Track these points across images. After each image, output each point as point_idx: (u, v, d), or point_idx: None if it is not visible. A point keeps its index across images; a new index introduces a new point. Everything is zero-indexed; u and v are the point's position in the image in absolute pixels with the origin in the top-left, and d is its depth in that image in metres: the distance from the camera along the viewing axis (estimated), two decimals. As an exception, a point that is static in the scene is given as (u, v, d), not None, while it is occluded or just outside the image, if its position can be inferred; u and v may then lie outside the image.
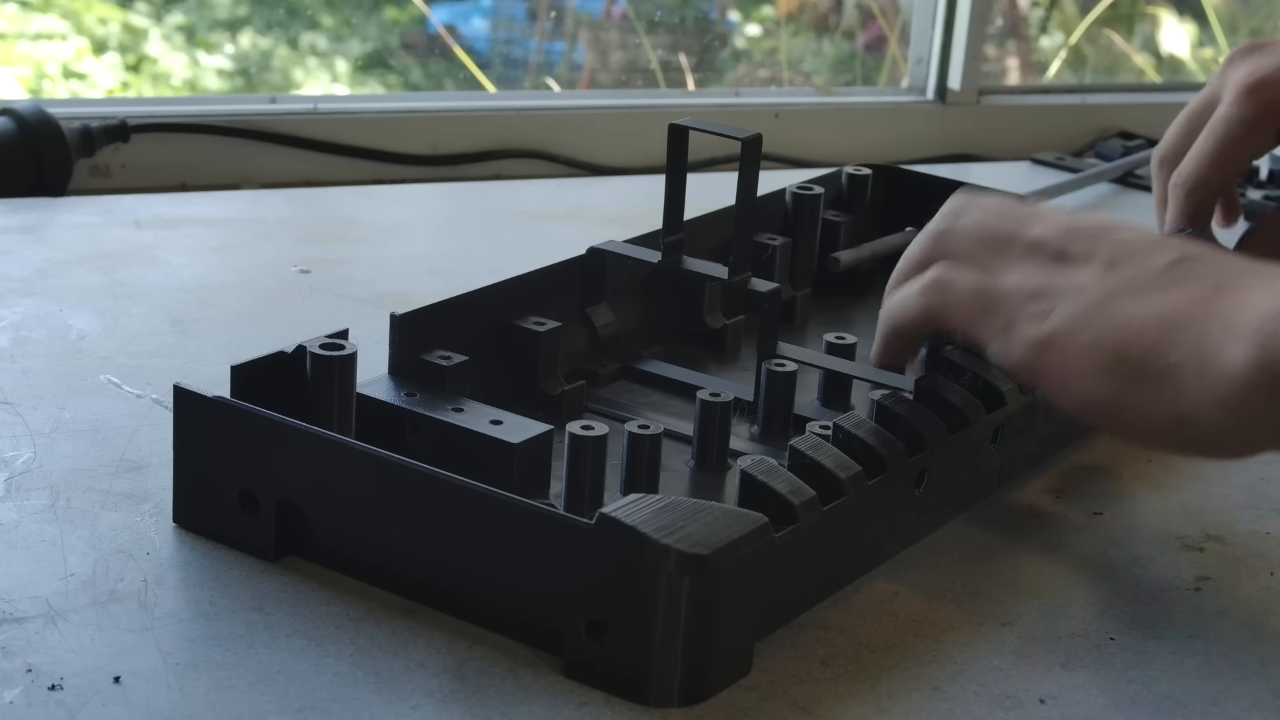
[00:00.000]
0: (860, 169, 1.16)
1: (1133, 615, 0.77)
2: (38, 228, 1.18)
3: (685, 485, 0.84)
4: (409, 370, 0.84)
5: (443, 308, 0.87)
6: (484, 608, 0.71)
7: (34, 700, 0.64)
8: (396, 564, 0.72)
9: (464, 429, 0.79)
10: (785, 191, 1.09)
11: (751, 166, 0.89)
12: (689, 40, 1.89)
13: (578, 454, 0.76)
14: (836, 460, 0.74)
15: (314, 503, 0.74)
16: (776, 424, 0.90)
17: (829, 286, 1.11)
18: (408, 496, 0.71)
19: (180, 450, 0.77)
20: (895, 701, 0.69)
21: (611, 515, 0.66)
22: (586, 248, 0.95)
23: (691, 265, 0.93)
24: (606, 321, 0.96)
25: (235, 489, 0.75)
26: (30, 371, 0.93)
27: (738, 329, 1.01)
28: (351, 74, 1.94)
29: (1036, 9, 2.11)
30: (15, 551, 0.74)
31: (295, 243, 1.20)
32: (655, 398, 0.94)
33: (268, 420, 0.74)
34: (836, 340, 0.94)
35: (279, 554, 0.75)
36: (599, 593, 0.67)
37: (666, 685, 0.67)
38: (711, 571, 0.66)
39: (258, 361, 0.78)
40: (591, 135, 1.55)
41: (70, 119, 1.36)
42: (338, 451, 0.72)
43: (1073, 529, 0.85)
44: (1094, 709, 0.70)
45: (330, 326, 0.83)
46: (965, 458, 0.82)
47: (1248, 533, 0.86)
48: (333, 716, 0.65)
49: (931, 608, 0.76)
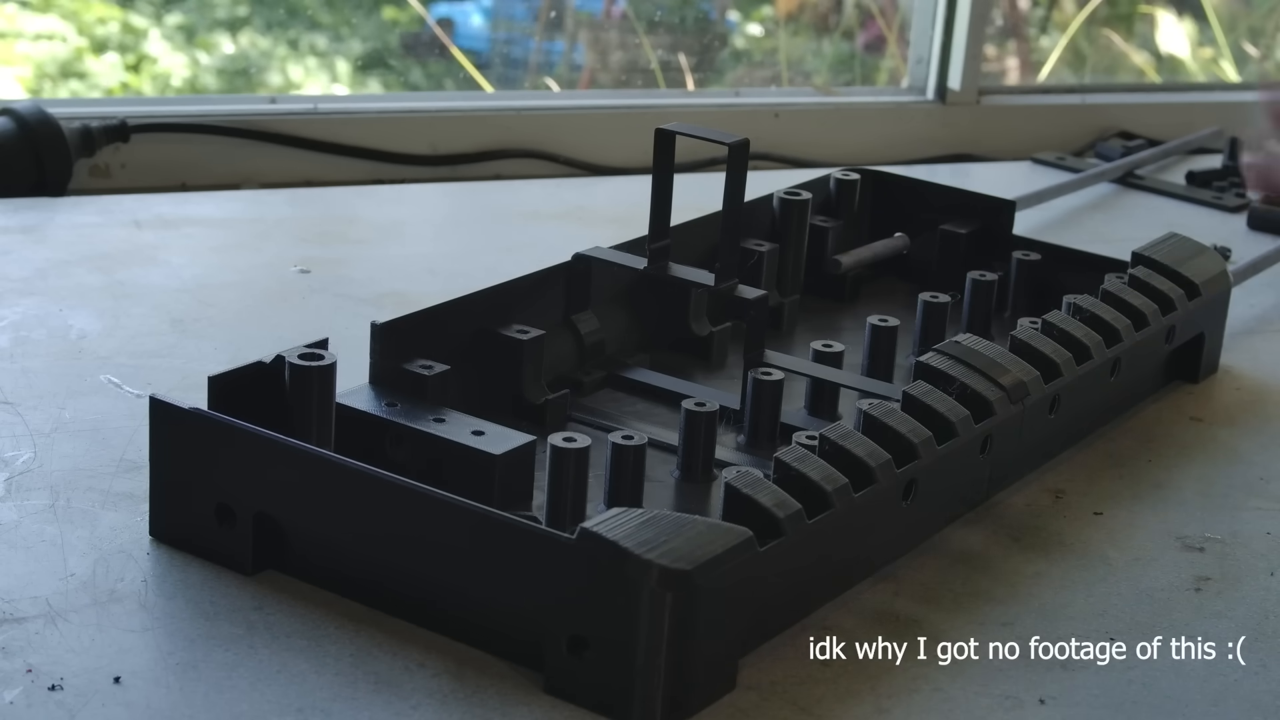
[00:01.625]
0: (848, 173, 1.15)
1: (1134, 616, 0.77)
2: (38, 228, 1.18)
3: (670, 496, 0.83)
4: (390, 379, 0.83)
5: (425, 316, 0.86)
6: (463, 623, 0.70)
7: (34, 700, 0.64)
8: (375, 578, 0.72)
9: (445, 440, 0.78)
10: (773, 197, 1.09)
11: (739, 172, 0.89)
12: (689, 40, 1.89)
13: (559, 467, 0.76)
14: (822, 472, 0.73)
15: (291, 515, 0.73)
16: (763, 433, 0.89)
17: (817, 292, 1.11)
18: (385, 510, 0.70)
19: (156, 462, 0.76)
20: (895, 702, 0.69)
21: (593, 530, 0.65)
22: (573, 253, 0.95)
23: (678, 272, 0.92)
24: (592, 329, 0.95)
25: (212, 502, 0.74)
26: (30, 371, 0.93)
27: (724, 336, 1.01)
28: (352, 74, 1.94)
29: (1037, 9, 2.11)
30: (15, 551, 0.74)
31: (295, 243, 1.20)
32: (641, 406, 0.93)
33: (244, 432, 0.73)
34: (824, 348, 0.93)
35: (257, 567, 0.74)
36: (580, 608, 0.66)
37: (649, 703, 0.66)
38: (694, 587, 0.65)
39: (235, 372, 0.77)
40: (591, 135, 1.55)
41: (70, 119, 1.35)
42: (314, 464, 0.72)
43: (1073, 529, 0.85)
44: (1095, 710, 0.70)
45: (330, 326, 0.84)
46: (954, 468, 0.81)
47: (1248, 533, 0.86)
48: (333, 716, 0.65)
49: (931, 608, 0.76)
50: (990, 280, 1.05)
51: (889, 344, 0.96)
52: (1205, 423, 0.99)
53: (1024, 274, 1.10)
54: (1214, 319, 1.05)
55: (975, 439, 0.82)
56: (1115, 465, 0.92)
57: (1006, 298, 1.10)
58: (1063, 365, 0.88)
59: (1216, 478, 0.92)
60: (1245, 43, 2.11)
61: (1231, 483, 0.91)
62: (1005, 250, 1.11)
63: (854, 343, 0.97)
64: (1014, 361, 0.86)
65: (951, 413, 0.81)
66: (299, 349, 0.78)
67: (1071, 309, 0.94)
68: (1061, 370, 0.88)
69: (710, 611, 0.66)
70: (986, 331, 1.02)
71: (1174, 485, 0.90)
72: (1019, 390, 0.85)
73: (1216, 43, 2.07)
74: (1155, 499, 0.89)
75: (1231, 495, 0.90)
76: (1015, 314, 1.08)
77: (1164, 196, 1.49)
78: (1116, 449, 0.94)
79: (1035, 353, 0.88)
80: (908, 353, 1.00)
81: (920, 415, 0.80)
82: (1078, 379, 0.89)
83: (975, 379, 0.83)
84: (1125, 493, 0.89)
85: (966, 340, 0.85)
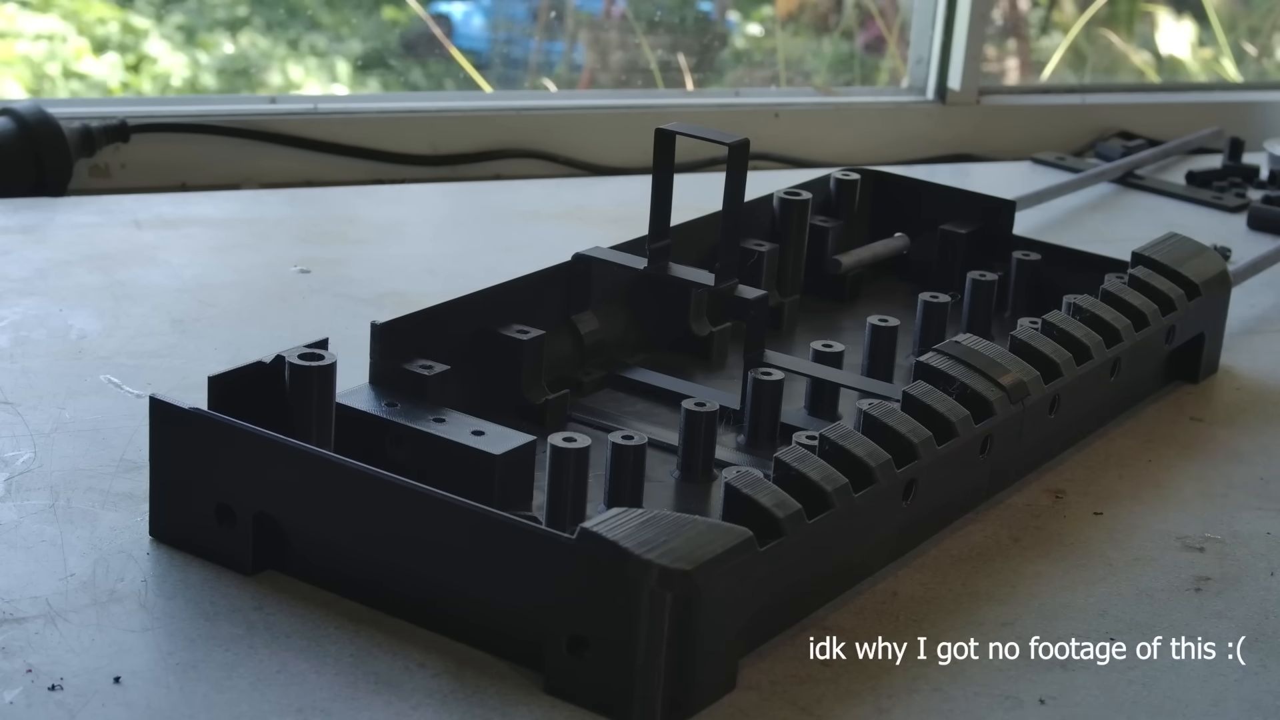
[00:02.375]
0: (848, 173, 1.15)
1: (1134, 616, 0.77)
2: (38, 228, 1.18)
3: (670, 496, 0.83)
4: (390, 380, 0.83)
5: (424, 316, 0.85)
6: (463, 623, 0.70)
7: (34, 700, 0.64)
8: (375, 578, 0.71)
9: (445, 440, 0.78)
10: (773, 197, 1.09)
11: (738, 172, 0.89)
12: (689, 40, 1.89)
13: (560, 467, 0.75)
14: (822, 472, 0.73)
15: (291, 516, 0.73)
16: (763, 433, 0.89)
17: (817, 292, 1.11)
18: (385, 510, 0.70)
19: (156, 462, 0.76)
20: (895, 701, 0.69)
21: (593, 530, 0.65)
22: (573, 253, 0.95)
23: (678, 272, 0.92)
24: (591, 329, 0.95)
25: (212, 502, 0.74)
26: (30, 371, 0.93)
27: (724, 336, 1.01)
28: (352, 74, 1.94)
29: (1036, 9, 2.11)
30: (15, 551, 0.74)
31: (295, 243, 1.20)
32: (641, 406, 0.93)
33: (244, 432, 0.72)
34: (824, 348, 0.93)
35: (257, 567, 0.74)
36: (580, 608, 0.66)
37: (649, 703, 0.66)
38: (694, 587, 0.65)
39: (235, 372, 0.77)
40: (591, 135, 1.55)
41: (70, 119, 1.35)
42: (314, 464, 0.71)
43: (1073, 529, 0.85)
44: (1095, 710, 0.70)
45: (330, 326, 0.84)
46: (954, 468, 0.81)
47: (1248, 533, 0.86)
48: (333, 716, 0.65)
49: (932, 609, 0.76)
50: (990, 280, 1.05)
51: (889, 344, 0.96)
52: (1205, 423, 0.99)
53: (1024, 274, 1.10)
54: (1214, 319, 1.05)
55: (975, 439, 0.82)
56: (1115, 465, 0.92)
57: (1006, 298, 1.10)
58: (1063, 365, 0.88)
59: (1216, 478, 0.92)
60: (1245, 42, 2.11)
61: (1231, 483, 0.91)
62: (1005, 250, 1.11)
63: (854, 343, 0.97)
64: (1014, 361, 0.86)
65: (951, 413, 0.81)
66: (299, 349, 0.77)
67: (1071, 309, 0.94)
68: (1061, 370, 0.88)
69: (710, 612, 0.66)
70: (987, 331, 1.02)
71: (1174, 485, 0.90)
72: (1019, 390, 0.85)
73: (1216, 42, 2.07)
74: (1155, 499, 0.89)
75: (1231, 495, 0.90)
76: (1015, 314, 1.08)
77: (1164, 196, 1.49)
78: (1116, 449, 0.94)
79: (1035, 353, 0.88)
80: (908, 353, 1.00)
81: (920, 415, 0.80)
82: (1078, 379, 0.89)
83: (975, 379, 0.83)
84: (1125, 493, 0.89)
85: (966, 340, 0.85)
